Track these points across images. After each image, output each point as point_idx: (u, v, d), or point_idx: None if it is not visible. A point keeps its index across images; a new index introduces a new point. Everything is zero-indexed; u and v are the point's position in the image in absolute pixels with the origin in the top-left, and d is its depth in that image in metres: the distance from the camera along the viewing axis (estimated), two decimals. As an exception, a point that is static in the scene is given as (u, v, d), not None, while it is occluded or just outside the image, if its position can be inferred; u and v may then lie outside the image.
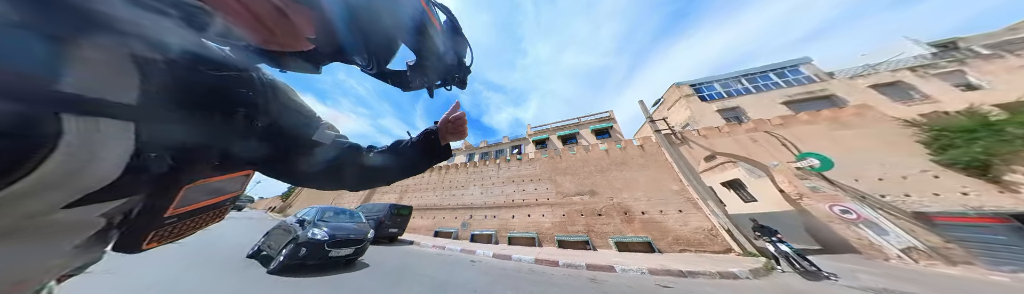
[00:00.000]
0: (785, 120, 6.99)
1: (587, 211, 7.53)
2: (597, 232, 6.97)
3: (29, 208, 0.14)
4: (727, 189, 10.08)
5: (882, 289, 2.97)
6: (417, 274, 3.55)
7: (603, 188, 7.81)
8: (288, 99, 0.30)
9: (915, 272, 3.76)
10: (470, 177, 11.10)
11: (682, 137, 7.74)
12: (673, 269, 3.83)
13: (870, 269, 3.95)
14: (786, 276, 3.65)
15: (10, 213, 0.14)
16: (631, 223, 6.76)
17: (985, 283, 3.20)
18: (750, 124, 7.27)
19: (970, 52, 8.37)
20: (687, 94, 11.04)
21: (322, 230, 3.27)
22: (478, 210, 9.56)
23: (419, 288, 2.96)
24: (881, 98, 8.01)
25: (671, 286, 3.17)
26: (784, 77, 10.25)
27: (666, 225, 6.31)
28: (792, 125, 6.83)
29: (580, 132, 12.39)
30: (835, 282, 3.30)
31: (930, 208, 4.65)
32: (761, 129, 7.02)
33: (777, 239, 4.05)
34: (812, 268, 3.70)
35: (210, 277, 2.71)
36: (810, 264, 3.74)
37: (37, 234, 0.16)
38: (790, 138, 6.60)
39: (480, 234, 8.24)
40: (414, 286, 3.01)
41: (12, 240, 0.15)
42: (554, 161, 9.48)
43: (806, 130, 6.60)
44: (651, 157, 7.83)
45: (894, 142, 5.67)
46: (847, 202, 5.15)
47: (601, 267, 4.20)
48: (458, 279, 3.41)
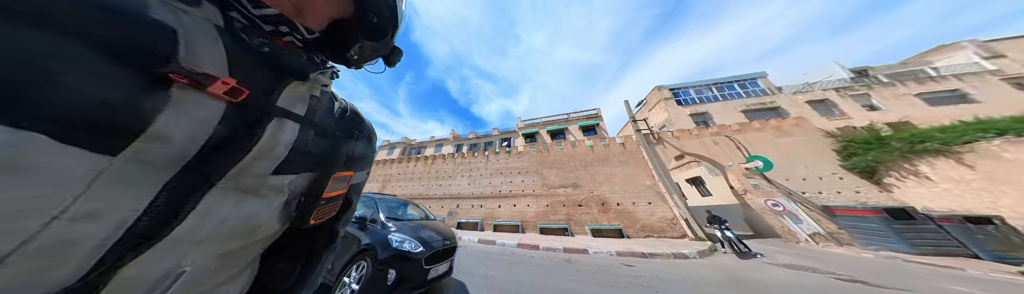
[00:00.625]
0: (742, 126, 8.03)
1: (569, 202, 8.00)
2: (576, 220, 7.50)
3: (258, 170, 0.21)
4: (690, 185, 11.49)
5: (790, 264, 3.81)
6: None
7: (585, 181, 8.29)
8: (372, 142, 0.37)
9: (815, 251, 4.83)
10: (458, 168, 10.96)
11: (659, 137, 8.44)
12: (637, 251, 4.41)
13: (785, 250, 4.96)
14: (725, 256, 4.42)
15: (252, 173, 0.20)
16: (607, 213, 7.38)
17: (857, 259, 4.27)
18: (714, 128, 8.21)
19: (875, 79, 10.37)
20: (666, 97, 11.90)
21: (407, 236, 2.01)
22: (465, 200, 9.59)
23: None
24: (813, 112, 9.60)
25: (633, 265, 3.71)
26: (745, 88, 11.60)
27: (636, 215, 7.03)
28: (746, 131, 7.88)
29: (568, 128, 12.71)
30: (760, 260, 4.09)
31: (833, 203, 5.90)
32: (722, 133, 7.97)
33: (725, 227, 4.84)
34: (745, 249, 4.53)
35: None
36: (744, 246, 4.57)
37: (259, 192, 0.22)
38: (743, 142, 7.64)
39: (466, 222, 8.39)
40: None
41: (251, 195, 0.21)
42: (542, 155, 9.69)
43: (756, 136, 7.68)
44: (630, 154, 8.44)
45: (817, 149, 6.93)
46: (778, 197, 6.26)
47: (576, 250, 4.66)
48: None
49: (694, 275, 3.19)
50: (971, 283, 3.04)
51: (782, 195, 6.35)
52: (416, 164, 12.40)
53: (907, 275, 3.34)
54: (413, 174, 12.00)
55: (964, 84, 8.85)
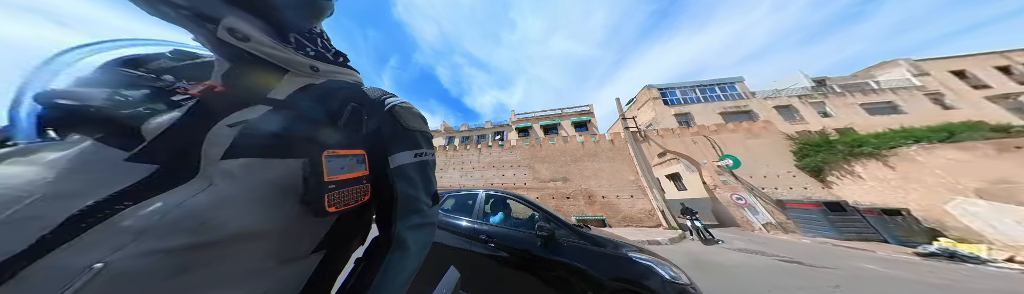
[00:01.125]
0: (718, 127, 8.68)
1: (558, 195, 8.31)
2: (564, 211, 7.86)
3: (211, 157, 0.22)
4: (668, 180, 12.45)
5: (744, 248, 4.40)
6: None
7: (575, 176, 8.59)
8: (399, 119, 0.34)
9: (765, 238, 5.59)
10: (449, 160, 10.77)
11: (645, 135, 8.86)
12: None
13: (742, 237, 5.68)
14: (692, 243, 4.98)
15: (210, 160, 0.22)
16: (593, 205, 7.80)
17: (797, 244, 5.04)
18: (695, 128, 8.79)
19: (830, 89, 11.65)
20: (654, 97, 12.37)
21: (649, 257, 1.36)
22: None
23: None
24: (778, 117, 10.63)
25: None
26: (724, 91, 12.40)
27: (619, 207, 7.53)
28: (722, 132, 8.54)
29: (561, 123, 12.83)
30: (721, 245, 4.66)
31: (785, 197, 6.77)
32: (701, 133, 8.58)
33: (695, 217, 5.43)
34: (709, 237, 5.12)
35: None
36: (709, 234, 5.16)
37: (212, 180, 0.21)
38: (718, 142, 8.30)
39: None
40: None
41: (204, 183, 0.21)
42: (535, 149, 9.77)
43: (729, 137, 8.38)
44: (618, 151, 8.82)
45: (778, 150, 7.77)
46: (741, 192, 7.02)
47: None
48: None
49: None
50: (878, 262, 3.75)
51: (745, 190, 7.13)
52: None
53: (833, 256, 4.02)
54: None
55: (896, 97, 10.27)
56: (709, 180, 7.85)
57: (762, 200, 6.87)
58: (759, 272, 3.01)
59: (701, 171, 8.26)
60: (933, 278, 2.91)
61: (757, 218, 6.50)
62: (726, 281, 2.65)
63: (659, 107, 11.97)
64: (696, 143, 8.50)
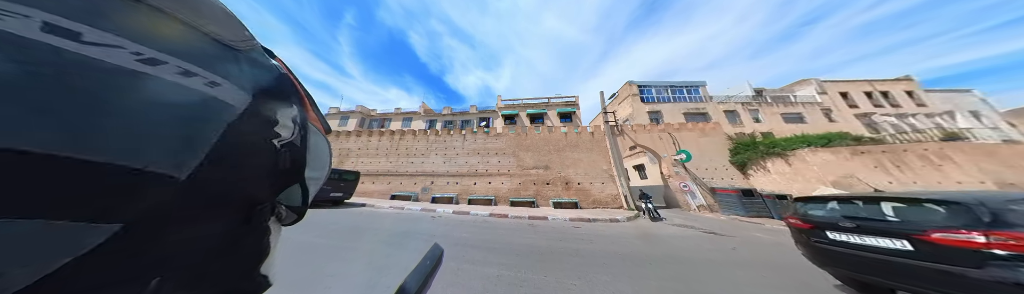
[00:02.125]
0: (681, 126, 9.93)
1: (539, 181, 8.86)
2: (542, 196, 8.52)
3: None
4: (634, 170, 14.15)
5: (680, 224, 5.60)
6: (375, 228, 3.86)
7: (556, 164, 9.13)
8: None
9: (697, 216, 7.10)
10: (432, 146, 10.25)
11: (621, 130, 9.67)
12: (585, 217, 5.64)
13: (681, 216, 7.08)
14: (643, 220, 6.09)
15: None
16: (569, 190, 8.59)
17: (717, 220, 6.58)
18: (662, 126, 9.89)
19: (764, 99, 14.07)
20: (634, 93, 13.20)
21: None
22: (440, 177, 9.39)
23: (379, 236, 3.37)
24: (725, 119, 12.56)
25: (579, 227, 4.82)
26: (690, 93, 13.89)
27: (590, 192, 8.46)
28: (683, 130, 9.82)
29: (548, 113, 12.94)
30: (664, 222, 5.84)
31: (717, 185, 8.47)
32: (667, 130, 9.73)
33: (648, 201, 6.55)
34: (657, 216, 6.27)
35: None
36: (657, 214, 6.33)
37: None
38: (678, 139, 9.59)
39: (441, 197, 8.41)
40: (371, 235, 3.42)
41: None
42: (520, 138, 9.87)
43: (687, 135, 9.72)
44: (596, 143, 9.52)
45: (719, 148, 9.40)
46: (688, 181, 8.50)
47: (539, 217, 5.64)
48: (419, 229, 4.00)
49: (620, 232, 4.39)
50: (764, 231, 5.15)
51: (691, 179, 8.65)
52: (380, 139, 10.98)
53: (737, 228, 5.38)
54: (378, 150, 10.70)
55: (804, 110, 12.97)
56: (666, 171, 9.23)
57: (701, 188, 8.49)
58: (688, 240, 3.91)
59: (661, 163, 9.60)
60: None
61: (694, 201, 8.10)
62: (663, 247, 3.43)
63: (636, 104, 12.91)
64: (661, 139, 9.66)
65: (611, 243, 3.44)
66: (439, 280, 1.87)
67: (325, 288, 1.71)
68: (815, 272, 2.00)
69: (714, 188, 8.10)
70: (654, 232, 4.51)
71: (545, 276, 2.09)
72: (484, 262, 2.40)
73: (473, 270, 2.17)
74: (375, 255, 2.56)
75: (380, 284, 1.80)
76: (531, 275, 2.10)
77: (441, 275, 1.91)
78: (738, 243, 3.77)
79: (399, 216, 5.25)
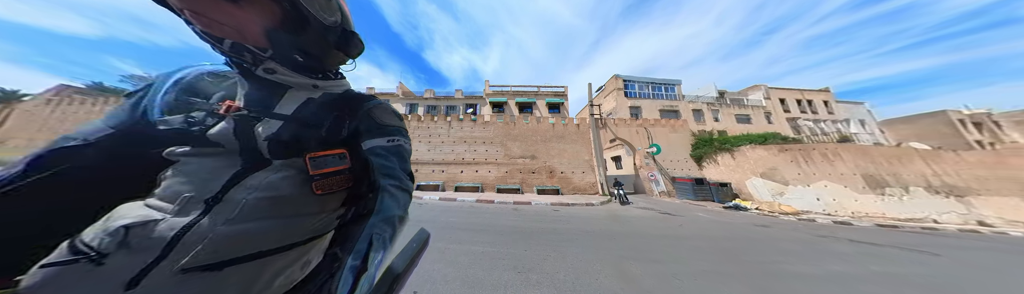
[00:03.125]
0: (656, 121, 10.82)
1: (525, 170, 9.19)
2: (528, 183, 8.94)
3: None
4: (611, 161, 15.26)
5: (644, 207, 6.54)
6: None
7: (542, 154, 9.45)
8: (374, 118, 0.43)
9: (658, 201, 8.27)
10: (414, 132, 9.65)
11: (604, 123, 10.19)
12: (564, 202, 6.22)
13: (645, 200, 8.17)
14: (614, 204, 6.90)
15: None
16: (552, 178, 9.12)
17: (674, 204, 7.78)
18: (640, 120, 10.66)
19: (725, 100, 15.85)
20: (619, 87, 13.67)
21: None
22: (425, 165, 9.13)
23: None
24: (692, 117, 13.98)
25: (558, 210, 5.38)
26: (668, 91, 14.91)
27: (572, 180, 9.11)
28: (657, 125, 10.75)
29: (536, 102, 12.82)
30: (631, 206, 6.72)
31: (677, 175, 9.77)
32: (644, 125, 10.55)
33: (620, 187, 7.37)
34: (626, 201, 7.16)
35: None
36: (626, 198, 7.22)
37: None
38: (652, 133, 10.52)
39: (426, 184, 8.31)
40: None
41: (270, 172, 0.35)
42: (509, 127, 9.80)
43: (660, 130, 10.69)
44: (581, 135, 9.96)
45: (684, 143, 10.61)
46: (655, 171, 9.61)
47: (523, 202, 6.09)
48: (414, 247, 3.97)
49: (593, 214, 5.00)
50: (706, 212, 6.29)
51: (657, 170, 9.79)
52: None
53: (687, 209, 6.45)
54: None
55: (751, 112, 15.02)
56: (638, 162, 10.24)
57: (665, 177, 9.71)
58: (647, 220, 4.64)
59: (635, 155, 10.57)
60: (723, 218, 5.29)
61: (657, 188, 9.31)
62: (627, 226, 4.02)
63: (620, 98, 13.49)
64: (638, 133, 10.49)
65: (585, 223, 3.92)
66: (426, 258, 1.91)
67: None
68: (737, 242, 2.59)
69: (675, 177, 9.34)
70: (621, 214, 5.19)
71: (525, 250, 2.35)
72: (471, 241, 2.60)
73: (460, 248, 2.33)
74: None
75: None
76: (512, 250, 2.35)
77: (429, 254, 1.99)
78: (685, 221, 4.58)
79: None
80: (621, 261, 2.21)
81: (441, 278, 1.69)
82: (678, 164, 10.17)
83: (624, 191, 7.34)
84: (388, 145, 0.39)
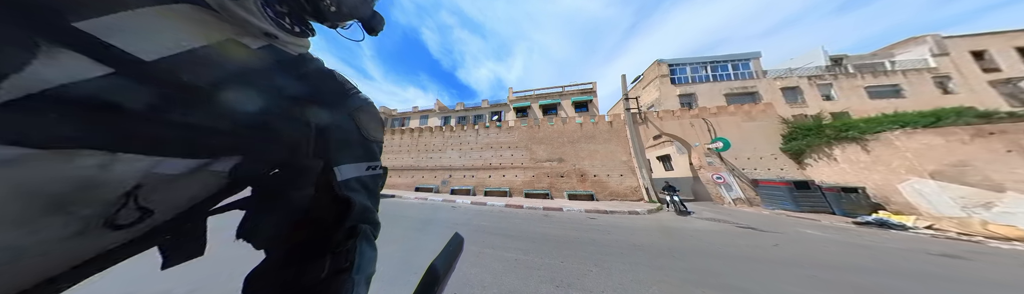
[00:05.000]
0: (719, 110, 8.61)
1: (553, 173, 8.83)
2: (557, 188, 8.54)
3: None
4: (658, 161, 13.09)
5: (711, 218, 5.12)
6: (401, 216, 4.36)
7: (570, 156, 8.91)
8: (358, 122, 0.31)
9: (732, 210, 6.39)
10: (447, 141, 10.83)
11: (644, 117, 8.81)
12: (601, 209, 5.51)
13: (712, 209, 6.46)
14: (666, 213, 5.69)
15: None
16: (584, 182, 8.41)
17: (758, 215, 5.84)
18: (696, 110, 8.71)
19: (844, 69, 11.16)
20: (663, 74, 11.67)
21: None
22: (457, 171, 10.01)
23: (408, 223, 3.74)
24: (781, 99, 10.48)
25: (595, 218, 4.72)
26: (736, 69, 11.74)
27: (608, 184, 8.15)
28: (721, 114, 8.53)
29: (561, 103, 12.40)
30: (692, 216, 5.37)
31: (761, 177, 7.38)
32: (701, 116, 8.55)
33: (675, 193, 6.06)
34: (684, 209, 5.77)
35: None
36: (684, 207, 5.82)
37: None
38: (715, 125, 8.39)
39: (459, 189, 9.09)
40: (402, 222, 3.80)
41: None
42: (533, 130, 9.76)
43: (727, 120, 8.43)
44: (615, 133, 8.90)
45: (768, 134, 7.99)
46: (723, 172, 7.56)
47: (553, 208, 5.68)
48: (442, 217, 4.36)
49: (639, 224, 4.21)
50: (818, 228, 4.43)
51: (726, 171, 7.67)
52: (402, 136, 11.98)
53: (783, 224, 4.71)
54: (401, 146, 11.75)
55: (904, 80, 10.01)
56: (696, 161, 8.30)
57: (739, 179, 7.50)
58: (717, 235, 3.59)
59: (691, 153, 8.64)
60: (859, 240, 3.56)
61: (729, 194, 7.24)
62: (689, 241, 3.20)
63: (665, 86, 11.48)
64: (693, 126, 8.58)
65: (629, 234, 3.37)
66: (463, 261, 2.12)
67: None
68: (900, 279, 1.74)
69: (756, 180, 7.09)
70: (679, 225, 4.26)
71: (561, 262, 2.14)
72: (503, 247, 2.53)
73: (494, 254, 2.31)
74: (407, 240, 2.92)
75: (413, 264, 2.01)
76: (548, 260, 2.17)
77: (465, 256, 2.14)
78: (783, 240, 3.37)
79: (423, 206, 5.82)
80: (688, 286, 1.76)
81: (478, 283, 1.71)
82: (760, 162, 7.70)
83: (679, 197, 6.04)
84: (368, 175, 0.29)
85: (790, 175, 7.29)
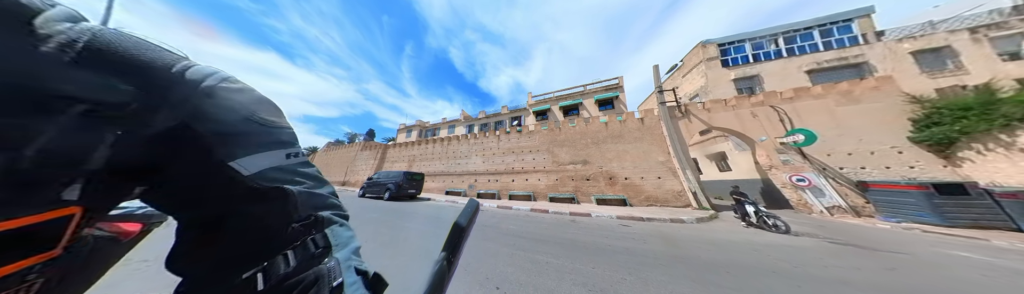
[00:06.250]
0: (797, 93, 6.76)
1: (578, 177, 8.51)
2: (583, 192, 8.18)
3: None
4: (709, 160, 10.93)
5: (808, 232, 3.88)
6: (441, 217, 4.83)
7: (595, 158, 8.48)
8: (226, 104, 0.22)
9: (825, 221, 4.87)
10: (472, 148, 11.71)
11: (685, 110, 7.67)
12: (636, 216, 4.93)
13: (795, 220, 5.03)
14: (720, 222, 4.64)
15: None
16: (613, 186, 7.83)
17: (869, 229, 4.26)
18: (760, 96, 7.06)
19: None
20: (710, 57, 9.90)
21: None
22: (482, 175, 10.74)
23: (446, 225, 4.23)
24: (911, 68, 7.42)
25: (630, 226, 4.25)
26: (828, 36, 8.93)
27: (643, 188, 7.37)
28: (801, 99, 6.67)
29: (583, 102, 11.96)
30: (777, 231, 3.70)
31: (874, 178, 5.41)
32: (768, 103, 6.89)
33: (748, 200, 4.44)
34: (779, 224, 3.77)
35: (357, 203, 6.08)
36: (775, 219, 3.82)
37: None
38: (791, 113, 6.62)
39: (485, 193, 9.70)
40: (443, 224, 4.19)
41: None
42: (553, 133, 9.72)
43: (811, 105, 6.53)
44: (648, 130, 8.04)
45: (885, 119, 5.80)
46: (807, 172, 5.87)
47: (581, 213, 5.38)
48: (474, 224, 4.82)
49: (683, 234, 3.61)
50: (984, 251, 3.01)
51: (813, 170, 5.92)
52: (433, 145, 13.43)
53: (913, 242, 3.38)
54: (433, 154, 13.18)
55: None
56: (764, 160, 6.69)
57: (834, 181, 5.67)
58: (793, 251, 2.82)
59: (755, 150, 7.01)
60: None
61: (820, 201, 5.54)
62: (753, 255, 2.60)
63: (714, 71, 9.69)
64: (756, 116, 6.99)
65: (671, 245, 3.00)
66: (498, 258, 2.28)
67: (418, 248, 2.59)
68: None
69: (864, 182, 5.25)
70: (740, 238, 3.47)
71: (593, 268, 2.07)
72: (533, 250, 2.55)
73: (525, 256, 2.36)
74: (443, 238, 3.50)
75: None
76: (578, 265, 2.13)
77: (500, 254, 2.37)
78: (906, 263, 2.51)
79: (454, 208, 6.40)
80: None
81: (515, 280, 1.77)
82: (871, 159, 5.65)
83: (757, 207, 4.18)
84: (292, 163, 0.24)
85: (927, 175, 5.11)
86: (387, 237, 3.00)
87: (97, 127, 0.16)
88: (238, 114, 0.22)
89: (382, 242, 2.78)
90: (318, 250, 0.22)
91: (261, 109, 0.24)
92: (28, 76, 0.14)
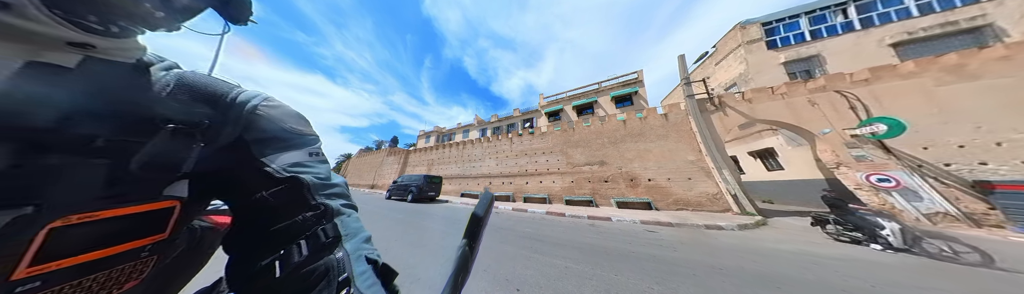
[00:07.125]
0: (875, 73, 5.43)
1: (595, 178, 8.10)
2: (601, 194, 7.75)
3: None
4: (753, 158, 9.31)
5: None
6: (458, 219, 4.97)
7: (613, 159, 7.99)
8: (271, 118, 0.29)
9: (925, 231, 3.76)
10: (485, 151, 11.95)
11: (719, 102, 6.78)
12: (663, 221, 4.50)
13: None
14: (770, 230, 4.00)
15: None
16: (635, 188, 7.26)
17: (989, 241, 3.13)
18: (819, 81, 5.86)
19: None
20: (751, 39, 8.55)
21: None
22: (496, 178, 10.88)
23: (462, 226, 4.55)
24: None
25: (656, 231, 3.88)
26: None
27: (670, 190, 6.68)
28: (882, 80, 5.34)
29: (598, 100, 11.38)
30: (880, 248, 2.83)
31: (1003, 176, 4.04)
32: (832, 87, 5.69)
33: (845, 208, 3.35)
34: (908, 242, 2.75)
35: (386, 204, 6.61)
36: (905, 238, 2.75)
37: None
38: (867, 98, 5.36)
39: (499, 195, 9.80)
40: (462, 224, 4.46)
41: None
42: (567, 134, 9.45)
43: (897, 87, 5.19)
44: (673, 127, 7.31)
45: (1012, 101, 4.28)
46: (892, 171, 4.66)
47: (600, 217, 5.08)
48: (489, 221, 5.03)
49: (722, 243, 3.16)
50: None
51: (902, 168, 4.68)
52: (450, 150, 13.99)
53: None
54: (449, 158, 13.74)
55: None
56: (828, 156, 5.51)
57: (937, 181, 4.39)
58: (879, 267, 2.32)
59: (815, 144, 5.82)
60: None
61: (916, 206, 4.34)
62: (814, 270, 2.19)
63: (756, 54, 8.35)
64: (815, 105, 5.83)
65: (705, 254, 2.65)
66: (516, 261, 2.26)
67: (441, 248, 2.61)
68: None
69: (985, 182, 3.96)
70: (801, 249, 2.88)
71: (616, 275, 1.97)
72: (552, 254, 2.49)
73: (544, 260, 2.31)
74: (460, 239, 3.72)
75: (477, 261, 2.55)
76: (600, 271, 2.03)
77: (517, 258, 2.36)
78: None
79: (470, 210, 6.90)
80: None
81: (535, 283, 1.75)
82: (997, 151, 4.23)
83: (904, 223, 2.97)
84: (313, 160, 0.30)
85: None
86: (414, 237, 3.22)
87: (185, 140, 0.22)
88: (276, 125, 0.29)
89: (410, 241, 2.95)
90: (329, 240, 0.25)
91: (291, 121, 0.31)
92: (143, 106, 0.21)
